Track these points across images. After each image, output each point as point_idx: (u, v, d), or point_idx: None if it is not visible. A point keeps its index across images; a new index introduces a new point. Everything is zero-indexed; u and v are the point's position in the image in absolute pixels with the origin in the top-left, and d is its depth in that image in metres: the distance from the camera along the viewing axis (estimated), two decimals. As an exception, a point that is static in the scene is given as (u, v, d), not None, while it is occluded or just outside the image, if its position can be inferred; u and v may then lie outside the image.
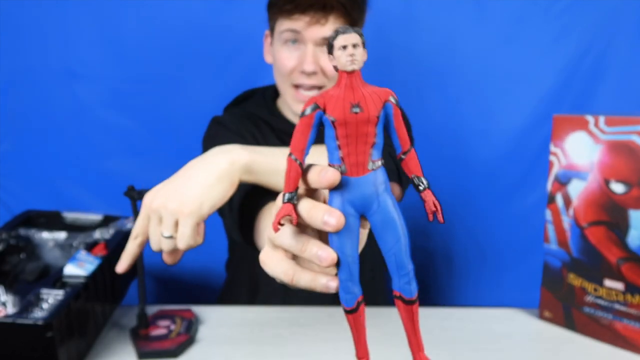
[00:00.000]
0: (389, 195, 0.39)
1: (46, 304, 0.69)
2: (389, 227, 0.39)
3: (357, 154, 0.38)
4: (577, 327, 0.84)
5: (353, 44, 0.37)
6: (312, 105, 0.37)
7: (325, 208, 0.38)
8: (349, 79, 0.37)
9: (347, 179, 0.38)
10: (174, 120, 1.34)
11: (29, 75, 1.33)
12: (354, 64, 0.37)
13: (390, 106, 0.38)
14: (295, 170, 0.38)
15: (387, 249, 0.39)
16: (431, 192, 0.41)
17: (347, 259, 0.39)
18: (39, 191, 1.37)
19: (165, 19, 1.31)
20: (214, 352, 0.78)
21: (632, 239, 0.76)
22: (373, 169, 0.39)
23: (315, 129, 0.38)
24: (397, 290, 0.40)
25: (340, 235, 0.38)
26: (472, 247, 1.43)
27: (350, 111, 0.37)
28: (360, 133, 0.37)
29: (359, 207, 0.39)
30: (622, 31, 1.29)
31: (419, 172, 0.40)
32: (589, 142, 0.79)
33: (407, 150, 0.40)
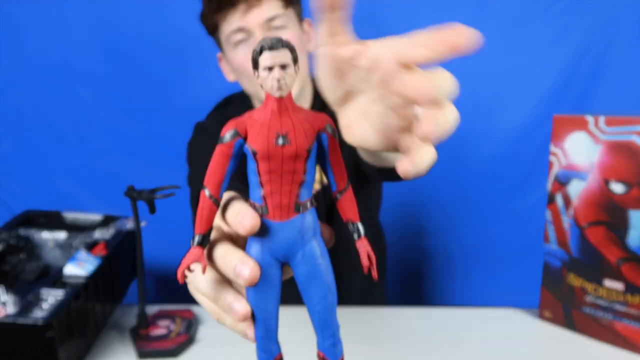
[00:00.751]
0: (318, 241, 0.33)
1: (46, 304, 0.69)
2: (314, 281, 0.33)
3: (281, 194, 0.32)
4: (577, 327, 0.84)
5: (281, 65, 0.30)
6: (231, 131, 0.31)
7: (239, 256, 0.32)
8: (277, 103, 0.31)
9: (268, 223, 0.32)
10: (174, 121, 1.34)
11: (29, 75, 1.33)
12: (281, 89, 0.30)
13: (325, 137, 0.32)
14: (209, 208, 0.33)
15: (312, 305, 0.34)
16: (367, 241, 0.34)
17: (264, 315, 0.34)
18: (39, 191, 1.37)
19: (165, 19, 1.31)
20: (214, 352, 0.78)
21: (632, 239, 0.76)
22: (300, 211, 0.33)
23: (234, 159, 0.32)
24: (322, 351, 0.35)
25: (258, 288, 0.33)
26: (472, 247, 1.43)
27: (275, 143, 0.31)
28: (286, 170, 0.31)
29: (281, 256, 0.33)
30: (622, 31, 1.29)
31: (355, 217, 0.34)
32: (589, 142, 0.79)
33: (343, 189, 0.34)
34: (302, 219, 0.33)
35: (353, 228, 0.34)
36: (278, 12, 0.88)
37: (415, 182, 1.38)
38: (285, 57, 0.30)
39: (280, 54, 0.30)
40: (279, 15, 0.88)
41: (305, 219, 0.33)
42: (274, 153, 0.31)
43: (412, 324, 0.86)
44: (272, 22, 0.88)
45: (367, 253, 0.34)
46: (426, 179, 0.89)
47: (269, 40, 0.30)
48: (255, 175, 0.32)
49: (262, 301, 0.33)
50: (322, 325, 0.34)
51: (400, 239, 1.41)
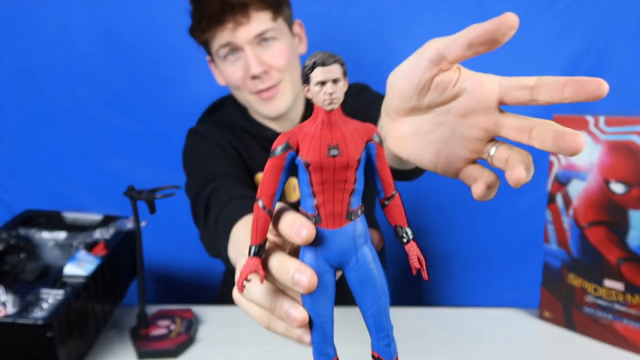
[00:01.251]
0: (369, 247, 0.35)
1: (46, 303, 0.69)
2: (368, 286, 0.35)
3: (333, 203, 0.33)
4: (577, 327, 0.84)
5: (333, 79, 0.31)
6: (283, 144, 0.32)
7: (296, 265, 0.33)
8: (327, 116, 0.32)
9: (321, 232, 0.33)
10: (174, 121, 1.34)
11: (29, 75, 1.33)
12: (333, 103, 0.31)
13: (373, 146, 0.33)
14: (264, 220, 0.33)
15: (366, 309, 0.35)
16: (416, 245, 0.36)
17: (321, 319, 0.35)
18: (39, 191, 1.37)
19: (165, 19, 1.31)
20: (214, 352, 0.78)
21: (632, 239, 0.76)
22: (352, 219, 0.34)
23: (286, 171, 0.33)
24: (376, 351, 0.36)
25: (314, 294, 0.34)
26: (471, 247, 1.43)
27: (327, 154, 0.32)
28: (338, 179, 0.32)
29: (335, 262, 0.34)
30: (622, 31, 1.29)
31: (404, 222, 0.36)
32: (589, 142, 0.79)
33: (391, 195, 0.35)
34: (354, 226, 0.34)
35: (402, 232, 0.36)
36: (267, 26, 0.87)
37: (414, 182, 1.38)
38: (337, 71, 0.31)
39: (332, 69, 0.31)
40: (269, 29, 0.87)
41: (356, 226, 0.34)
42: (326, 164, 0.32)
43: (412, 324, 0.86)
44: (262, 36, 0.88)
45: (417, 256, 0.36)
46: (426, 178, 0.89)
47: (321, 56, 0.31)
48: (307, 186, 0.33)
49: (318, 307, 0.34)
50: (378, 326, 0.35)
51: (400, 239, 1.40)
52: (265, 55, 0.88)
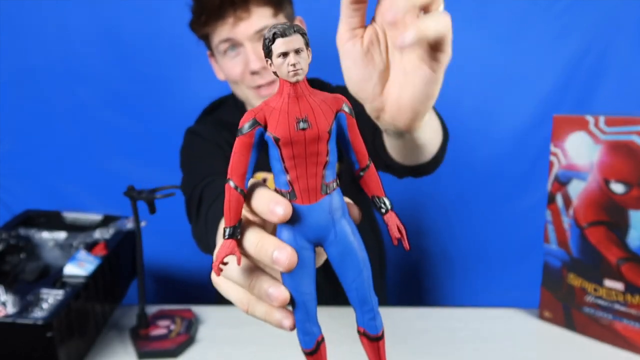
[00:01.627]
0: (348, 221, 0.34)
1: (46, 303, 0.69)
2: (348, 259, 0.34)
3: (307, 177, 0.32)
4: (577, 327, 0.84)
5: (295, 49, 0.30)
6: (250, 120, 0.31)
7: (274, 243, 0.32)
8: (293, 88, 0.31)
9: (297, 208, 0.32)
10: (174, 121, 1.34)
11: (29, 75, 1.33)
12: (298, 74, 0.30)
13: (343, 116, 0.33)
14: (237, 200, 0.33)
15: (348, 283, 0.34)
16: (395, 215, 0.35)
17: (303, 298, 0.34)
18: (39, 191, 1.37)
19: (165, 19, 1.31)
20: (214, 352, 0.78)
21: (632, 239, 0.76)
22: (327, 192, 0.33)
23: (256, 148, 0.32)
24: (361, 326, 0.36)
25: (294, 272, 0.33)
26: (472, 247, 1.43)
27: (297, 128, 0.31)
28: (310, 152, 0.31)
29: (314, 238, 0.33)
30: (622, 31, 1.29)
31: (380, 192, 0.35)
32: (589, 142, 0.79)
33: (366, 166, 0.34)
34: (330, 200, 0.33)
35: (379, 202, 0.34)
36: (268, 22, 0.87)
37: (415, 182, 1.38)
38: (298, 41, 0.30)
39: (292, 39, 0.30)
40: (269, 25, 0.87)
41: (332, 199, 0.33)
42: (296, 138, 0.31)
43: (411, 324, 0.86)
44: (263, 32, 0.88)
45: (397, 225, 0.34)
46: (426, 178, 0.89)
47: (280, 27, 0.30)
48: (279, 162, 0.32)
49: (299, 284, 0.34)
50: (361, 300, 0.34)
51: (400, 239, 1.40)
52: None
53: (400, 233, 0.34)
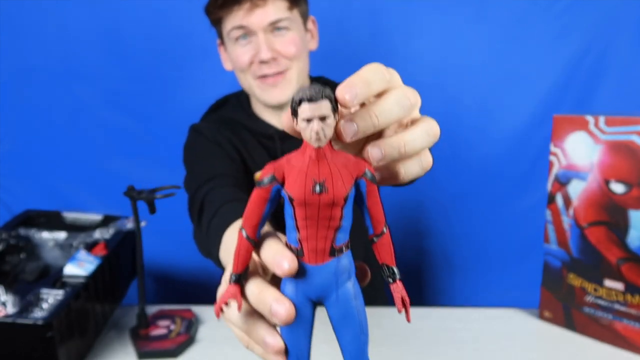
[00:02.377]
0: (353, 283, 0.34)
1: (46, 304, 0.69)
2: (347, 323, 0.34)
3: (317, 239, 0.32)
4: (577, 327, 0.84)
5: (320, 117, 0.30)
6: (269, 176, 0.32)
7: (274, 296, 0.33)
8: (315, 150, 0.31)
9: (303, 266, 0.33)
10: (173, 120, 1.34)
11: (29, 75, 1.33)
12: (320, 141, 0.30)
13: (363, 183, 0.32)
14: (246, 249, 0.33)
15: (344, 344, 0.34)
16: (402, 286, 0.35)
17: (297, 352, 0.34)
18: (39, 191, 1.37)
19: (165, 19, 1.31)
20: (214, 352, 0.78)
21: (632, 239, 0.76)
22: (335, 255, 0.33)
23: (271, 202, 0.33)
24: None
25: (292, 326, 0.33)
26: (472, 247, 1.43)
27: (313, 191, 0.31)
28: (323, 216, 0.31)
29: (315, 297, 0.34)
30: (622, 31, 1.29)
31: (391, 261, 0.35)
32: (589, 142, 0.79)
33: (380, 232, 0.34)
34: (337, 263, 0.33)
35: (388, 272, 0.35)
36: (282, 15, 0.88)
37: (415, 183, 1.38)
38: (325, 108, 0.29)
39: (319, 106, 0.29)
40: (283, 18, 0.89)
41: (340, 262, 0.33)
42: (310, 201, 0.31)
43: (412, 324, 0.86)
44: (276, 24, 0.89)
45: (402, 297, 0.35)
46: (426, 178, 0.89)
47: (308, 91, 0.29)
48: (291, 219, 0.32)
49: (295, 339, 0.34)
50: None
51: (400, 239, 1.41)
52: (276, 43, 0.89)
53: (404, 306, 0.35)
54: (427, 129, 0.35)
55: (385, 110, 0.33)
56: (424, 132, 0.35)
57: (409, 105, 0.34)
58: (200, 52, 1.33)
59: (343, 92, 0.31)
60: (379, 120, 0.33)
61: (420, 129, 0.35)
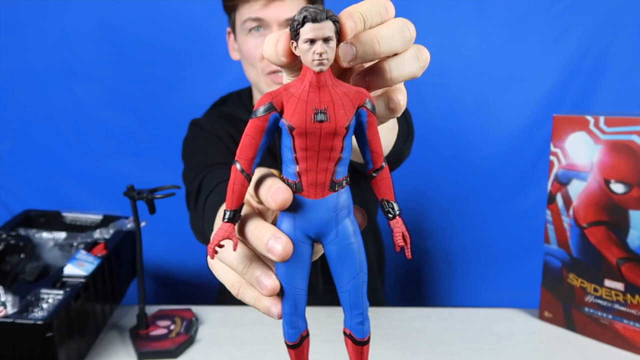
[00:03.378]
0: (351, 221, 0.33)
1: (46, 304, 0.69)
2: (346, 260, 0.33)
3: (317, 172, 0.31)
4: (577, 327, 0.84)
5: (324, 38, 0.28)
6: (266, 104, 0.30)
7: (271, 231, 0.32)
8: (316, 77, 0.29)
9: (302, 201, 0.31)
10: (173, 120, 1.34)
11: (30, 75, 1.33)
12: (322, 64, 0.29)
13: (364, 113, 0.31)
14: (241, 184, 0.31)
15: (342, 285, 0.33)
16: (402, 221, 0.33)
17: (293, 291, 0.33)
18: (39, 191, 1.37)
19: (165, 19, 1.31)
20: (214, 352, 0.78)
21: (632, 239, 0.76)
22: (335, 190, 0.32)
23: (268, 134, 0.31)
24: (348, 328, 0.35)
25: (289, 264, 0.32)
26: (472, 247, 1.43)
27: (314, 119, 0.29)
28: (324, 147, 0.30)
29: (313, 234, 0.32)
30: (622, 31, 1.29)
31: (391, 196, 0.33)
32: (589, 142, 0.79)
33: (380, 167, 0.33)
34: (337, 197, 0.32)
35: (387, 206, 0.33)
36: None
37: (415, 182, 1.38)
38: (329, 29, 0.28)
39: (323, 26, 0.28)
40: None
41: (340, 197, 0.32)
42: (312, 129, 0.29)
43: (411, 324, 0.86)
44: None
45: (402, 233, 0.33)
46: (426, 178, 0.89)
47: (313, 10, 0.28)
48: (290, 151, 0.31)
49: (292, 277, 0.33)
50: (353, 304, 0.34)
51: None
52: None
53: (404, 241, 0.33)
54: (403, 27, 0.33)
55: (386, 37, 0.31)
56: (399, 29, 0.32)
57: (409, 38, 0.33)
58: (200, 52, 1.33)
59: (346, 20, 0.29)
60: (380, 46, 0.31)
61: (395, 25, 0.33)
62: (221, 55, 1.32)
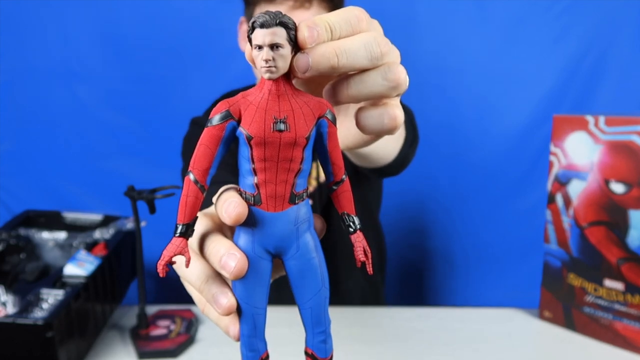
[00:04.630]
0: (312, 234, 0.31)
1: (46, 304, 0.69)
2: (308, 277, 0.31)
3: (276, 183, 0.29)
4: (577, 327, 0.84)
5: (272, 44, 0.27)
6: (222, 112, 0.29)
7: (226, 247, 0.30)
8: (275, 85, 0.29)
9: (260, 214, 0.30)
10: (173, 120, 1.34)
11: (29, 75, 1.33)
12: (270, 72, 0.28)
13: (325, 123, 0.30)
14: (194, 195, 0.30)
15: (304, 301, 0.32)
16: (363, 236, 0.32)
17: (252, 310, 0.31)
18: (39, 191, 1.37)
19: (165, 19, 1.31)
20: (214, 352, 0.78)
21: (632, 239, 0.76)
22: (295, 202, 0.30)
23: (225, 143, 0.30)
24: (310, 347, 0.33)
25: (246, 281, 0.31)
26: (472, 247, 1.43)
27: (273, 128, 0.28)
28: (283, 157, 0.29)
29: (273, 248, 0.31)
30: (622, 31, 1.29)
31: (351, 210, 0.32)
32: (589, 142, 0.79)
33: (340, 180, 0.32)
34: (298, 210, 0.30)
35: (348, 220, 0.32)
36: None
37: (415, 182, 1.38)
38: (278, 36, 0.27)
39: (273, 31, 0.27)
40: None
41: (300, 210, 0.31)
42: (271, 139, 0.28)
43: (411, 324, 0.86)
44: None
45: (363, 247, 0.32)
46: (426, 178, 0.89)
47: (262, 16, 0.27)
48: (247, 162, 0.29)
49: (250, 296, 0.31)
50: (315, 321, 0.32)
51: (400, 239, 1.41)
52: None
53: (365, 256, 0.32)
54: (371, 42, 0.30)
55: (349, 50, 0.29)
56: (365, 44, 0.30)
57: (377, 55, 0.31)
58: (200, 52, 1.33)
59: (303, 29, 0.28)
60: (338, 60, 0.29)
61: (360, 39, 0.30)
62: (221, 55, 1.33)
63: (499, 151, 1.37)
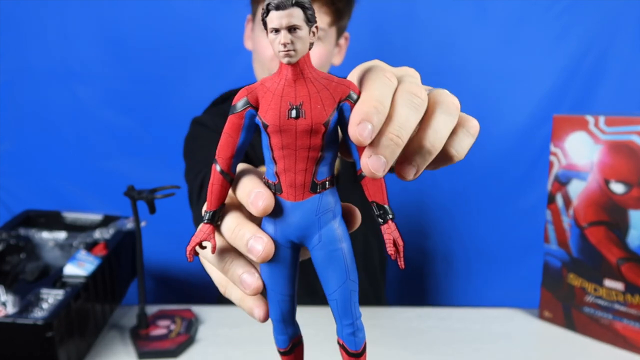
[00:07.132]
0: (340, 224, 0.30)
1: (46, 304, 0.69)
2: (332, 268, 0.30)
3: (295, 172, 0.28)
4: (577, 327, 0.84)
5: (289, 27, 0.26)
6: (242, 100, 0.28)
7: (252, 230, 0.30)
8: (292, 69, 0.27)
9: (281, 203, 0.29)
10: (173, 120, 1.34)
11: (29, 75, 1.33)
12: (289, 56, 0.26)
13: (347, 107, 0.28)
14: (220, 184, 0.30)
15: (329, 292, 0.31)
16: (394, 227, 0.30)
17: (277, 297, 0.31)
18: (39, 191, 1.37)
19: (165, 19, 1.31)
20: (214, 352, 0.78)
21: (632, 239, 0.76)
22: (317, 192, 0.29)
23: (246, 130, 0.29)
24: (341, 338, 0.32)
25: (272, 268, 0.30)
26: (472, 247, 1.43)
27: (288, 115, 0.27)
28: (301, 145, 0.28)
29: (295, 238, 0.30)
30: (622, 31, 1.29)
31: (382, 199, 0.30)
32: (589, 142, 0.79)
33: None
34: (319, 200, 0.29)
35: (378, 210, 0.30)
36: (321, 27, 0.88)
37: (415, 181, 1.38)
38: (295, 17, 0.26)
39: (290, 12, 0.26)
40: (320, 29, 0.89)
41: (322, 200, 0.29)
42: (286, 127, 0.27)
43: (411, 324, 0.86)
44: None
45: (394, 240, 0.30)
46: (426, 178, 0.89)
47: None
48: (268, 149, 0.29)
49: (275, 282, 0.31)
50: (342, 312, 0.31)
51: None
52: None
53: (397, 250, 0.30)
54: (445, 109, 0.30)
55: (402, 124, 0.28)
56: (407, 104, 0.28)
57: (420, 103, 0.29)
58: (200, 52, 1.33)
59: (357, 134, 0.26)
60: (402, 139, 0.28)
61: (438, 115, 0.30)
62: (222, 55, 1.33)
63: (499, 151, 1.37)
